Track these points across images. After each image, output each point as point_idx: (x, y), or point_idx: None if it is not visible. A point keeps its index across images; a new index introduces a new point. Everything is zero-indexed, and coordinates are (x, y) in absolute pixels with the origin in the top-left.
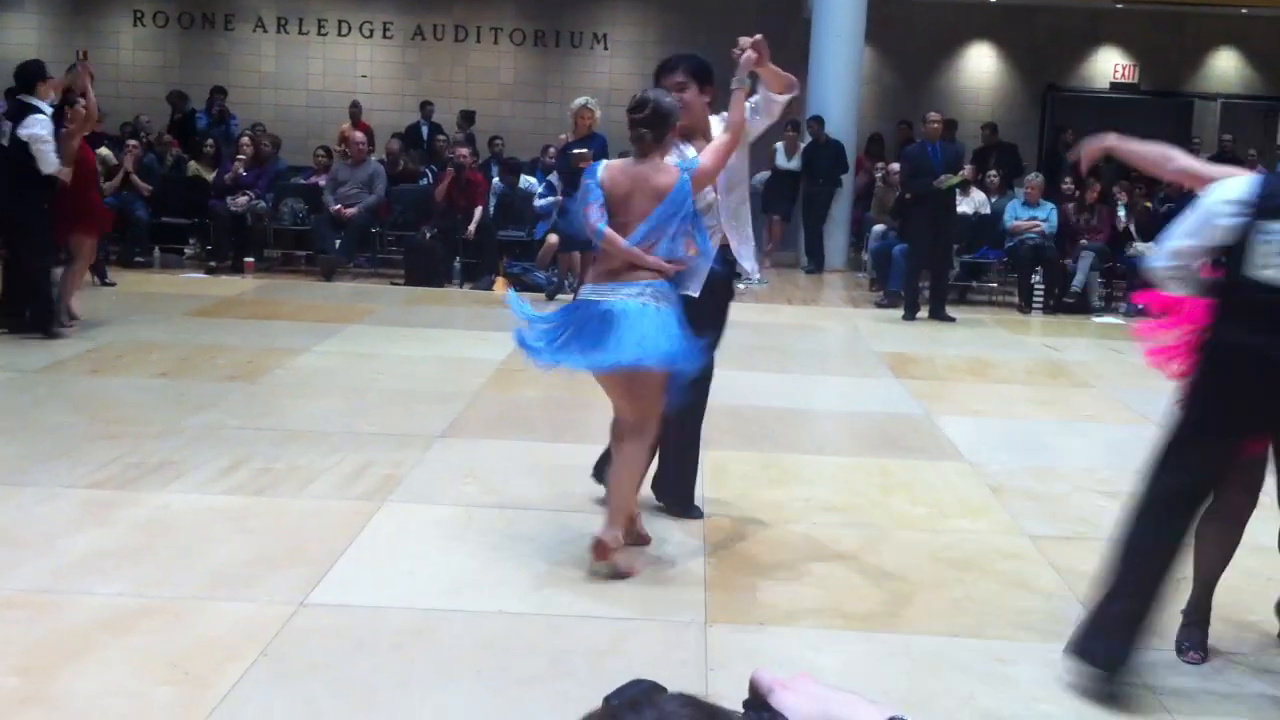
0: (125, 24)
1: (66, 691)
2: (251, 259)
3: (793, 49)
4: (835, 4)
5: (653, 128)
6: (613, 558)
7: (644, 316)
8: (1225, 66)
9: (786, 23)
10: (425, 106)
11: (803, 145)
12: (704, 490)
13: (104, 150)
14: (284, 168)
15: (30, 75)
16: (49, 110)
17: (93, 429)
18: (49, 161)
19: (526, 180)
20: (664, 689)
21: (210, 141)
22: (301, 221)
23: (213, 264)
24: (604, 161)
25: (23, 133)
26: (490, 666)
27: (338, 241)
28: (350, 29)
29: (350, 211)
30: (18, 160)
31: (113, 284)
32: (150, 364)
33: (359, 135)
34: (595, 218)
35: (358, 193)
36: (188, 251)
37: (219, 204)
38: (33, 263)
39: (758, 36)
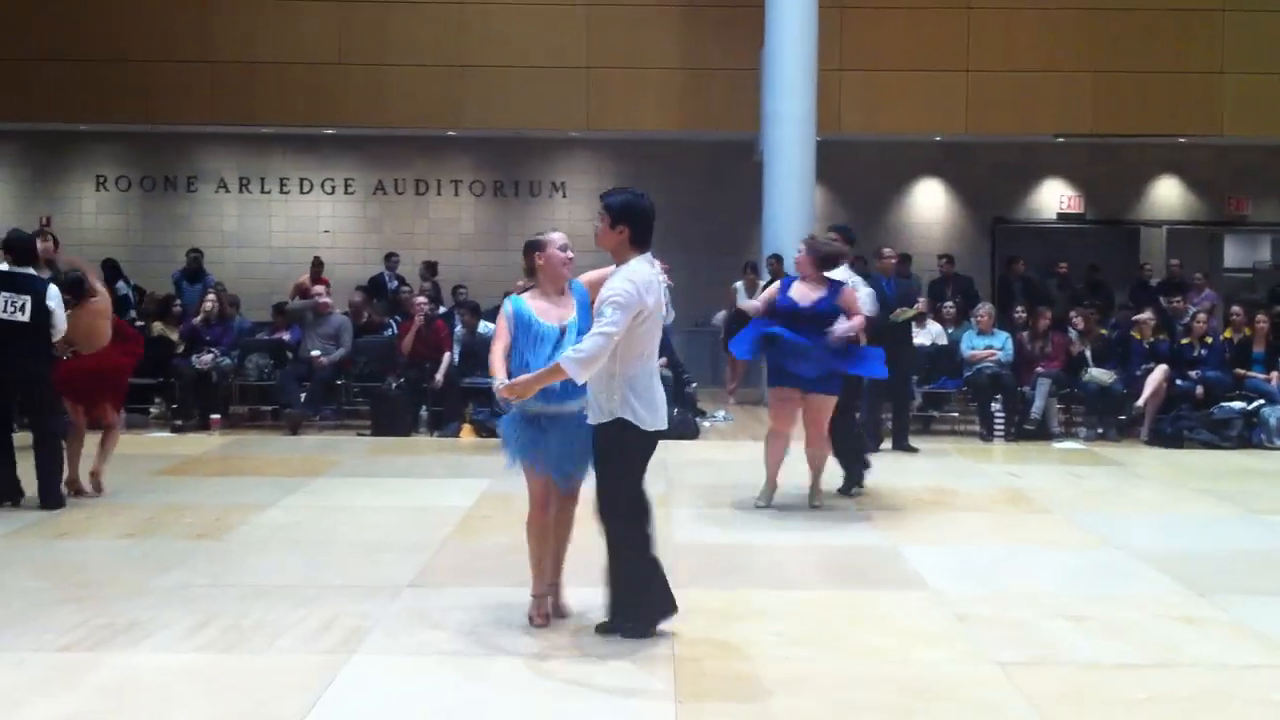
0: (88, 189)
1: None
2: (218, 415)
3: (745, 191)
4: (785, 147)
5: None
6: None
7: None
8: (1168, 194)
9: (737, 166)
10: (390, 258)
11: (761, 284)
12: (673, 626)
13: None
14: (246, 325)
15: (29, 249)
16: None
17: (60, 592)
18: (62, 328)
19: (485, 325)
20: None
21: (178, 301)
22: (267, 376)
23: (178, 422)
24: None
25: (51, 303)
26: None
27: (303, 395)
28: (312, 186)
29: (324, 360)
30: (39, 331)
31: None
32: (117, 525)
33: (319, 288)
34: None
35: (324, 345)
36: (153, 410)
37: (184, 362)
38: (55, 433)
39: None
